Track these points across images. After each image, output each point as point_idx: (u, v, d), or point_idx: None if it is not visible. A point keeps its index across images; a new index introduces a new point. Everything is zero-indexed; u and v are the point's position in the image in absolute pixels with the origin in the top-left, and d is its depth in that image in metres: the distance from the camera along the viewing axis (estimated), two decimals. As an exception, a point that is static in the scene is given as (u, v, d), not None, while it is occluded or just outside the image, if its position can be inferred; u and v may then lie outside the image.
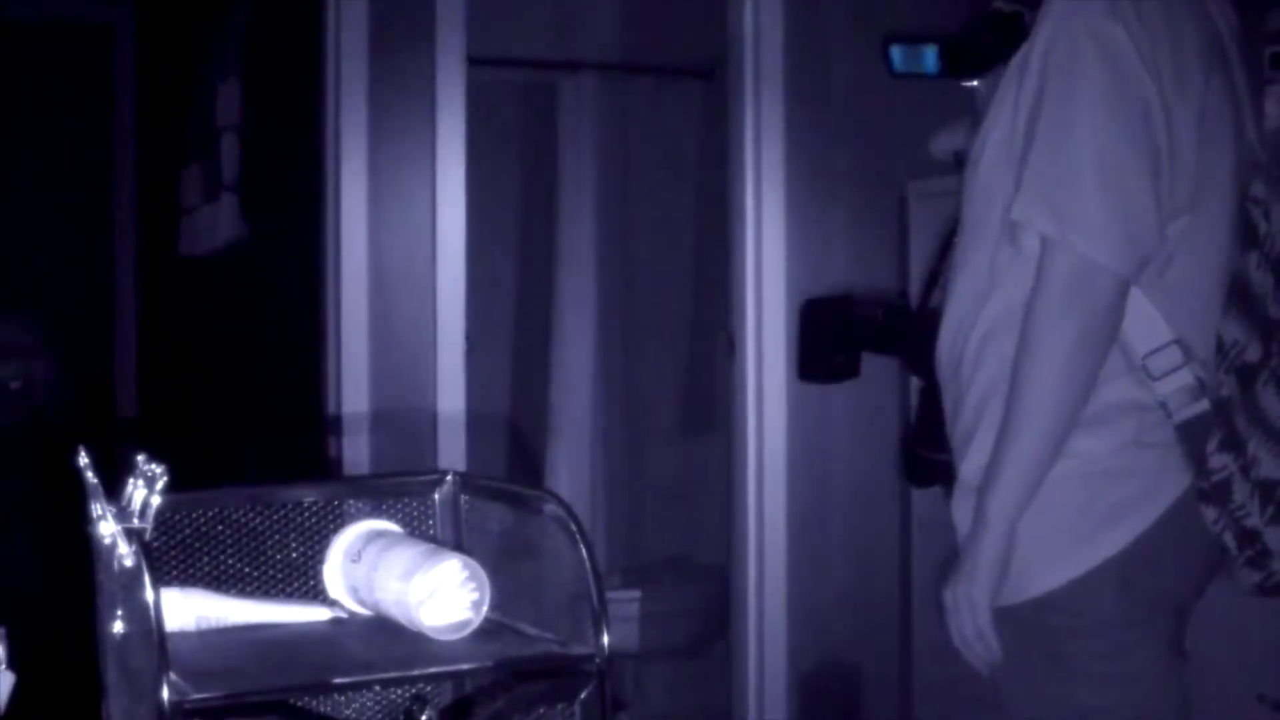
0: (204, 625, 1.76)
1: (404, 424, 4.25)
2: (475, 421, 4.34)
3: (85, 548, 1.63)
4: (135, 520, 1.58)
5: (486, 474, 1.92)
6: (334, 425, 4.23)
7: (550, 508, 1.75)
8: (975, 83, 2.43)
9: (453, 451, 4.27)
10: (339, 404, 4.24)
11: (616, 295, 5.35)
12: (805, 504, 4.41)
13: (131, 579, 1.55)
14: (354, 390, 4.23)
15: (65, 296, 6.30)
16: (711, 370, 5.15)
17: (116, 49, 6.43)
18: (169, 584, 1.73)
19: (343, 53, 4.23)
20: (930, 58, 2.52)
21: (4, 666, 1.72)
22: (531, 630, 1.75)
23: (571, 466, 5.20)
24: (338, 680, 1.62)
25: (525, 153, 5.50)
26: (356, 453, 4.23)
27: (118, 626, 1.61)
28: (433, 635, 1.70)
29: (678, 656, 4.96)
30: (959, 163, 2.47)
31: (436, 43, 4.29)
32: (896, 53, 2.54)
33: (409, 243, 4.26)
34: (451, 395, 4.28)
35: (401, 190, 4.25)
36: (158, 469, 1.60)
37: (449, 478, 1.90)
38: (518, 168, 5.50)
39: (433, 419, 4.25)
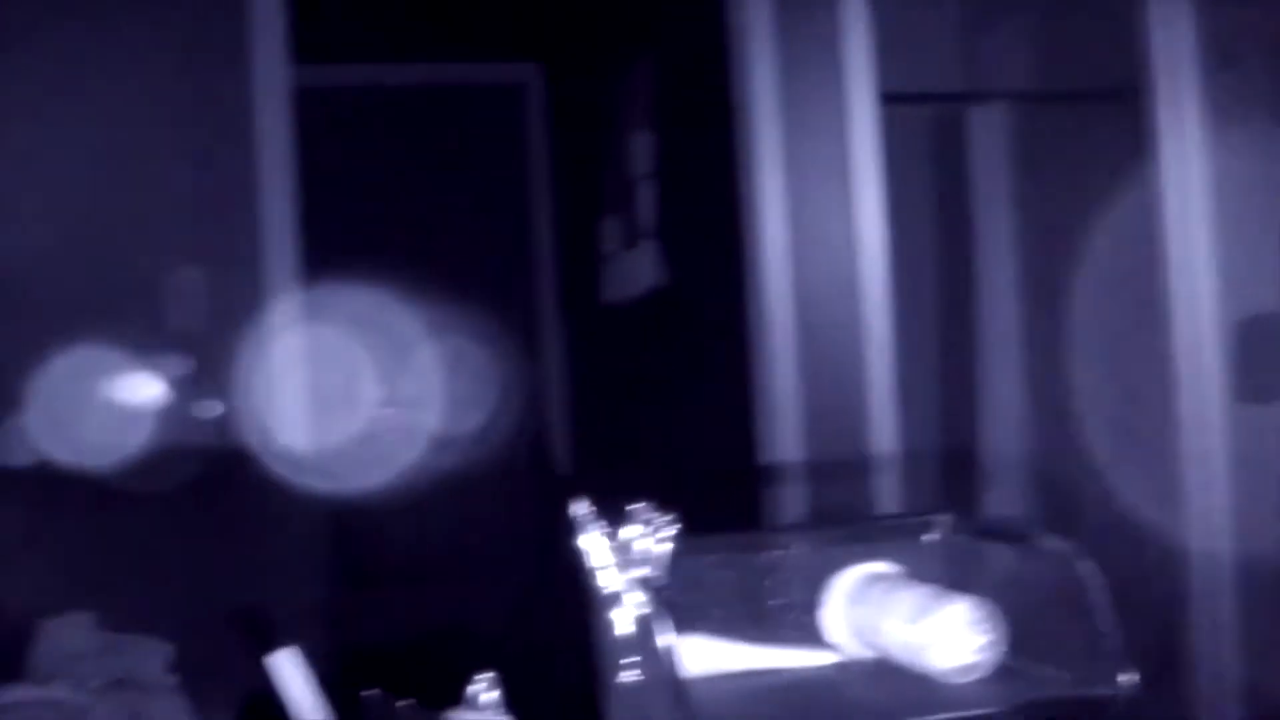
0: (709, 672, 1.75)
1: (837, 464, 4.23)
2: (908, 460, 4.29)
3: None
4: (643, 569, 1.58)
5: (982, 514, 1.87)
6: (768, 469, 4.23)
7: (1053, 545, 1.70)
8: None
9: (887, 491, 4.23)
10: (771, 447, 4.24)
11: (1041, 323, 5.24)
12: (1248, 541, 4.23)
13: (644, 628, 1.55)
14: (785, 432, 4.23)
15: (490, 346, 6.44)
16: (1143, 397, 5.00)
17: (527, 106, 6.57)
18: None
19: (754, 96, 4.24)
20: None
21: (500, 711, 1.72)
22: (1042, 672, 1.70)
23: (1005, 500, 5.10)
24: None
25: (939, 187, 5.44)
26: (791, 493, 4.23)
27: (628, 676, 1.60)
28: (943, 679, 1.66)
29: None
30: None
31: (846, 83, 4.27)
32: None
33: (831, 283, 4.25)
34: (883, 435, 4.25)
35: (820, 231, 4.24)
36: (665, 517, 1.59)
37: (944, 518, 1.86)
38: (932, 202, 5.44)
39: (864, 458, 4.22)
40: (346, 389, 5.77)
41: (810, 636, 1.81)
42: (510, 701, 1.74)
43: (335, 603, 3.50)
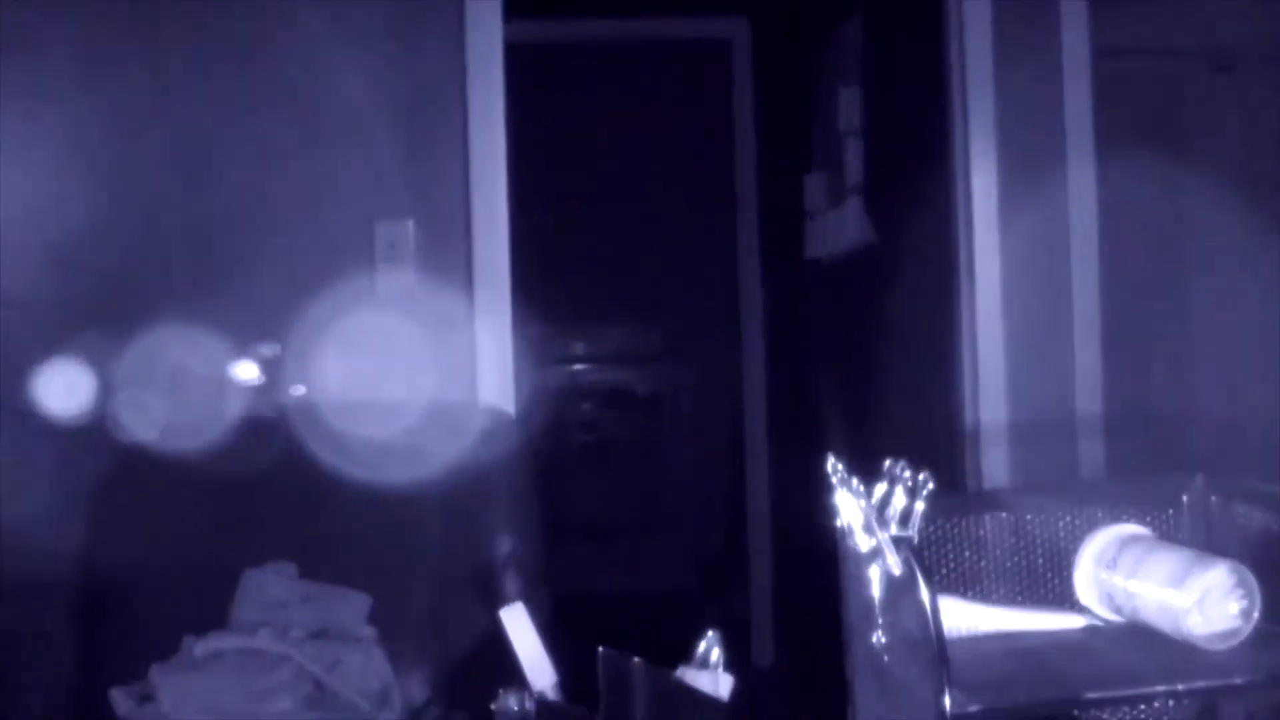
0: (956, 634, 1.73)
1: (1043, 425, 4.17)
2: (1114, 421, 4.23)
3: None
4: (900, 528, 1.56)
5: (1237, 475, 1.83)
6: (973, 430, 4.19)
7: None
8: None
9: (1092, 454, 4.16)
10: (975, 408, 4.19)
11: (1251, 281, 5.11)
12: None
13: (900, 589, 1.53)
14: (991, 391, 4.18)
15: (692, 303, 6.43)
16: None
17: (733, 62, 6.55)
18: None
19: (967, 50, 4.18)
20: None
21: (720, 669, 1.71)
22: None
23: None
24: (1122, 693, 1.56)
25: (1155, 142, 5.32)
26: (995, 456, 4.18)
27: (879, 637, 1.59)
28: (1201, 645, 1.63)
29: None
30: None
31: (1062, 32, 4.20)
32: None
33: (1041, 239, 4.19)
34: (1089, 394, 4.18)
35: (1032, 185, 4.18)
36: (921, 476, 1.57)
37: (1198, 479, 1.83)
38: (1145, 156, 5.32)
39: (1071, 419, 4.16)
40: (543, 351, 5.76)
41: (1061, 598, 1.79)
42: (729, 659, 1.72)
43: (537, 556, 3.50)
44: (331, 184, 3.92)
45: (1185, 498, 1.82)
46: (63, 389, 3.47)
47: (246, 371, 3.69)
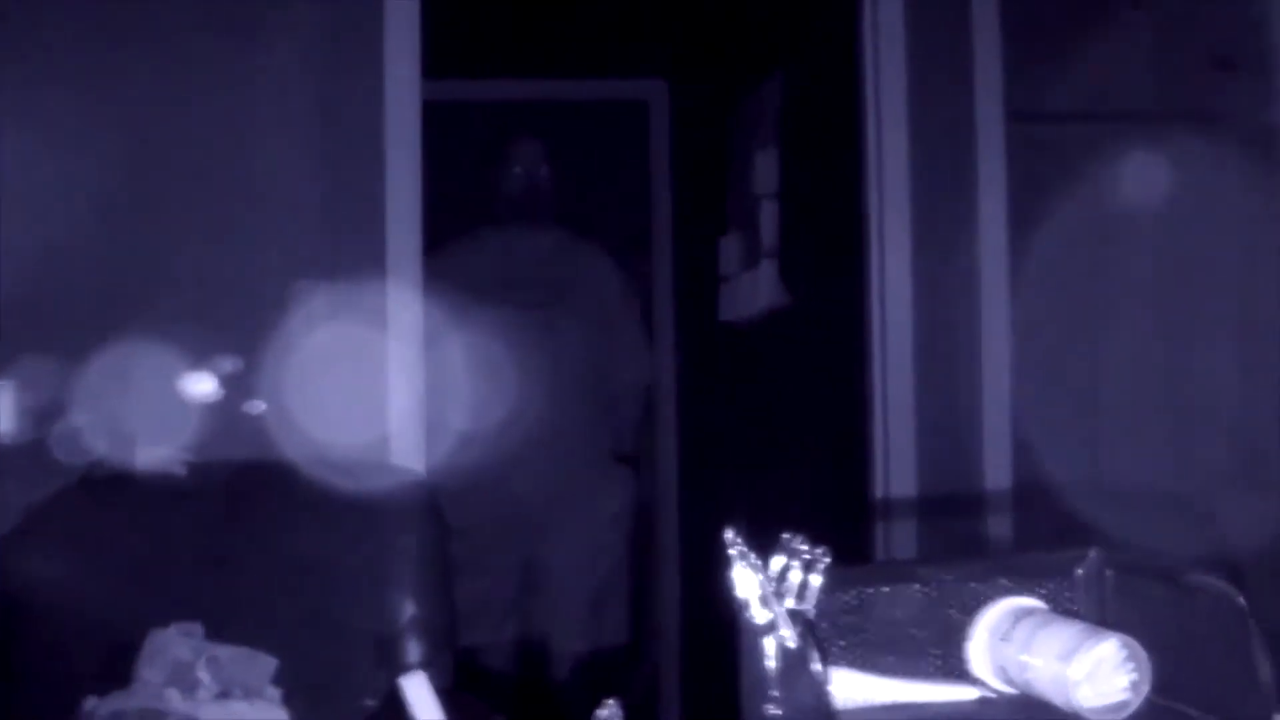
0: (850, 705, 1.74)
1: (951, 495, 4.19)
2: (1023, 491, 4.24)
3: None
4: (797, 601, 1.57)
5: (1134, 549, 1.84)
6: (882, 501, 4.20)
7: (1205, 581, 1.67)
8: None
9: (999, 525, 4.18)
10: (886, 473, 4.20)
11: (1163, 351, 5.16)
12: None
13: (795, 662, 1.54)
14: (900, 457, 4.19)
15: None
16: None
17: (651, 124, 6.58)
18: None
19: (883, 116, 4.22)
20: None
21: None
22: (1193, 713, 1.67)
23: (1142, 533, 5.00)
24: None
25: (1067, 208, 5.37)
26: (903, 528, 4.19)
27: (774, 710, 1.59)
28: (1091, 718, 1.64)
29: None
30: None
31: (976, 101, 4.24)
32: None
33: (953, 305, 4.21)
34: (998, 464, 4.21)
35: (945, 252, 4.21)
36: (818, 550, 1.58)
37: (1091, 553, 1.84)
38: (1060, 223, 5.37)
39: (980, 489, 4.18)
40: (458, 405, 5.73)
41: (954, 671, 1.80)
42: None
43: (444, 618, 3.48)
44: (247, 241, 3.91)
45: (1080, 571, 1.83)
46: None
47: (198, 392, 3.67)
